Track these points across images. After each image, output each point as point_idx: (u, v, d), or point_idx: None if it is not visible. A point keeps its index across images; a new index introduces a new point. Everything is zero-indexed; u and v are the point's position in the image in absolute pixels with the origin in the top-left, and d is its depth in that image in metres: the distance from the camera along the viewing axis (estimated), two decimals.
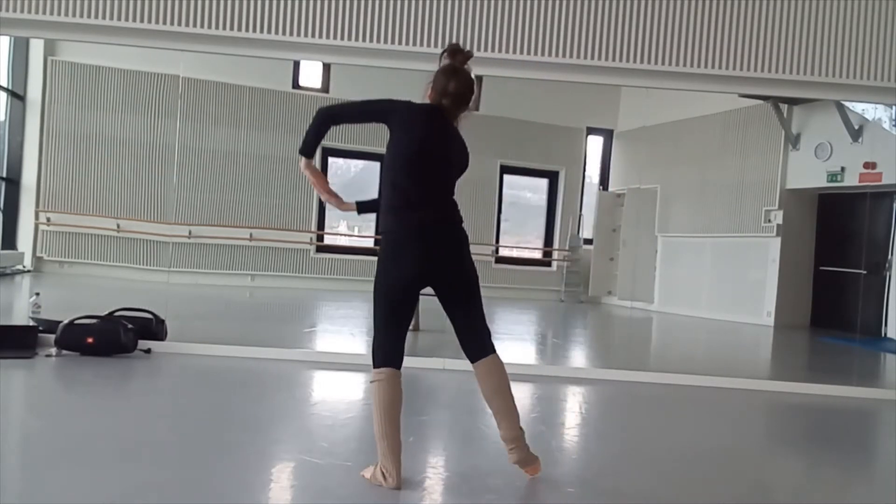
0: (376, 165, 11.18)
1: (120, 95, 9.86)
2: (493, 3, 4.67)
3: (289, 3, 4.58)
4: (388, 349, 2.54)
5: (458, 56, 2.66)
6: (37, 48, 9.56)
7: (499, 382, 2.61)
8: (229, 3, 4.55)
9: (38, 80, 9.56)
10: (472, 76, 2.66)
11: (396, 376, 2.53)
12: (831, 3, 4.77)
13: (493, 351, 2.63)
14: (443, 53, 2.69)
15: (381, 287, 2.53)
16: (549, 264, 12.23)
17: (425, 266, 2.52)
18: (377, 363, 2.54)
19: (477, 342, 2.63)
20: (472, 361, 2.64)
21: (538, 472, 2.66)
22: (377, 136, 10.91)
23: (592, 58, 4.73)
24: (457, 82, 2.62)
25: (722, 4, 4.74)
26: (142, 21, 4.51)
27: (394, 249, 2.52)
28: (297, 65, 10.35)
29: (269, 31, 4.59)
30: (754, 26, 4.75)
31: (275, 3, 4.58)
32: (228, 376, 4.25)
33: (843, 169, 8.70)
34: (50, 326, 4.48)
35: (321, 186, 2.71)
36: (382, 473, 2.47)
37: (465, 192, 2.79)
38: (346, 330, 7.08)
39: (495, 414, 2.63)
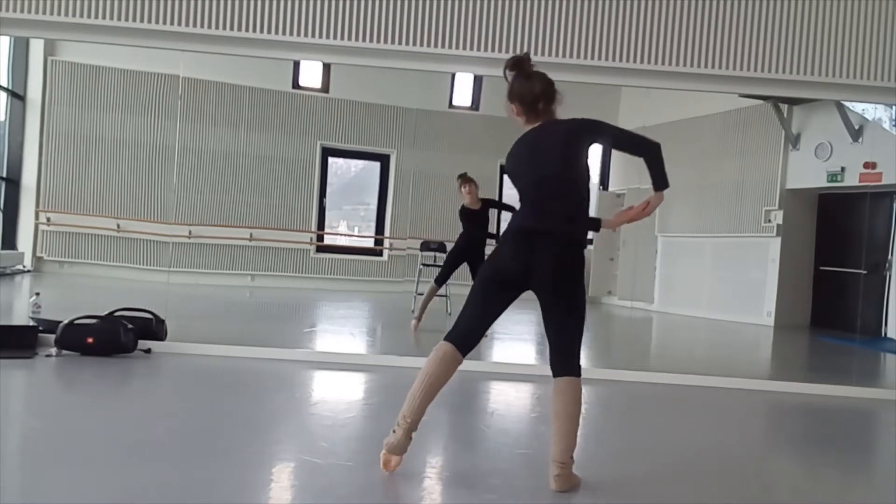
0: (376, 165, 11.18)
1: (120, 95, 9.85)
2: (493, 3, 4.66)
3: (289, 3, 4.58)
4: (459, 327, 2.62)
5: (524, 65, 2.85)
6: (37, 48, 9.55)
7: (565, 406, 2.58)
8: (229, 3, 4.55)
9: (38, 80, 9.55)
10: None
11: (453, 356, 2.58)
12: (831, 3, 4.77)
13: (575, 374, 2.60)
14: (506, 69, 2.84)
15: (484, 269, 2.68)
16: None
17: (521, 266, 2.58)
18: (446, 335, 2.60)
19: (561, 360, 2.62)
20: (554, 376, 2.63)
21: (563, 489, 2.55)
22: (377, 136, 10.86)
23: (592, 58, 4.72)
24: (539, 83, 2.84)
25: (722, 4, 4.74)
26: (142, 21, 4.51)
27: (501, 244, 2.68)
28: (297, 65, 10.33)
29: (269, 31, 4.59)
30: (754, 26, 4.75)
31: (275, 3, 4.58)
32: (228, 376, 4.25)
33: (843, 169, 8.69)
34: (50, 326, 4.48)
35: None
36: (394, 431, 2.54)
37: None
38: (346, 330, 7.08)
39: (552, 434, 2.59)
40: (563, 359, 2.60)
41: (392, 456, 2.55)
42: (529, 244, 2.57)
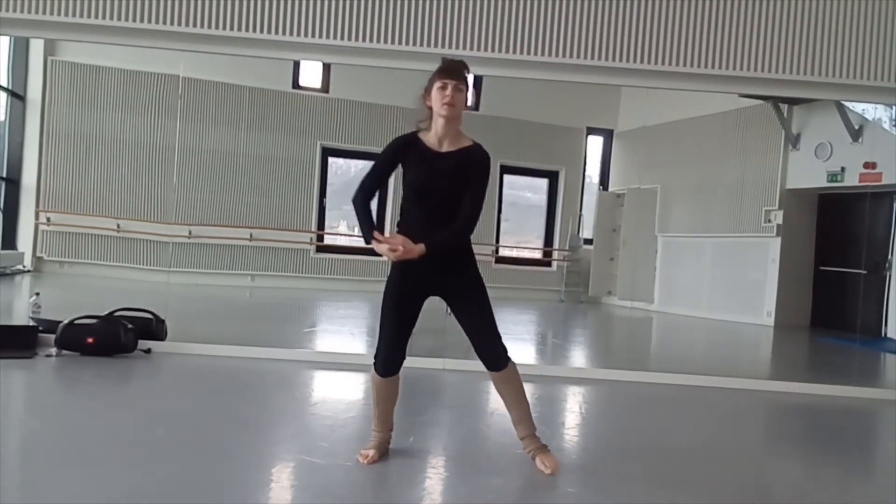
0: None
1: (120, 95, 9.85)
2: (493, 3, 4.66)
3: (289, 3, 4.58)
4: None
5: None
6: (37, 48, 9.55)
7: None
8: (229, 3, 4.55)
9: (38, 80, 9.55)
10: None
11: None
12: (831, 3, 4.77)
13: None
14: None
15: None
16: (549, 264, 12.23)
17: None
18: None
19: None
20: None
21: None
22: (377, 136, 10.84)
23: (592, 58, 4.72)
24: None
25: (722, 4, 4.74)
26: (142, 21, 4.51)
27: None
28: (297, 65, 10.35)
29: (269, 31, 4.59)
30: (754, 26, 4.75)
31: (275, 3, 4.58)
32: (228, 376, 4.25)
33: (843, 169, 8.69)
34: (50, 326, 4.48)
35: (397, 244, 2.61)
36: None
37: None
38: (346, 330, 7.08)
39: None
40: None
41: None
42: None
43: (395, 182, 2.85)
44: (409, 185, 2.71)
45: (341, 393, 4.20)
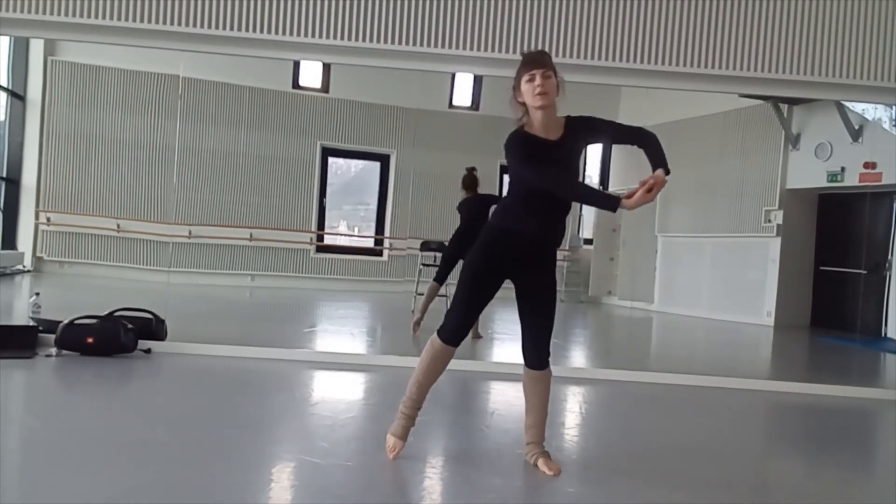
0: (376, 165, 11.19)
1: (120, 95, 9.85)
2: (493, 3, 4.66)
3: (289, 3, 4.58)
4: None
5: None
6: (37, 48, 9.55)
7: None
8: (229, 3, 4.55)
9: (38, 80, 9.56)
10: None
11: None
12: (831, 3, 4.77)
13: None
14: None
15: None
16: None
17: None
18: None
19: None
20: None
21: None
22: (377, 136, 10.82)
23: (592, 58, 4.72)
24: None
25: (722, 4, 4.73)
26: (142, 21, 4.51)
27: None
28: (297, 65, 10.34)
29: (269, 31, 4.59)
30: (754, 26, 4.74)
31: (275, 3, 4.57)
32: (228, 376, 4.25)
33: (843, 169, 8.69)
34: (50, 326, 4.48)
35: (650, 185, 2.64)
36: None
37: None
38: (346, 330, 7.08)
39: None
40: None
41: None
42: None
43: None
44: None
45: (341, 393, 4.20)
